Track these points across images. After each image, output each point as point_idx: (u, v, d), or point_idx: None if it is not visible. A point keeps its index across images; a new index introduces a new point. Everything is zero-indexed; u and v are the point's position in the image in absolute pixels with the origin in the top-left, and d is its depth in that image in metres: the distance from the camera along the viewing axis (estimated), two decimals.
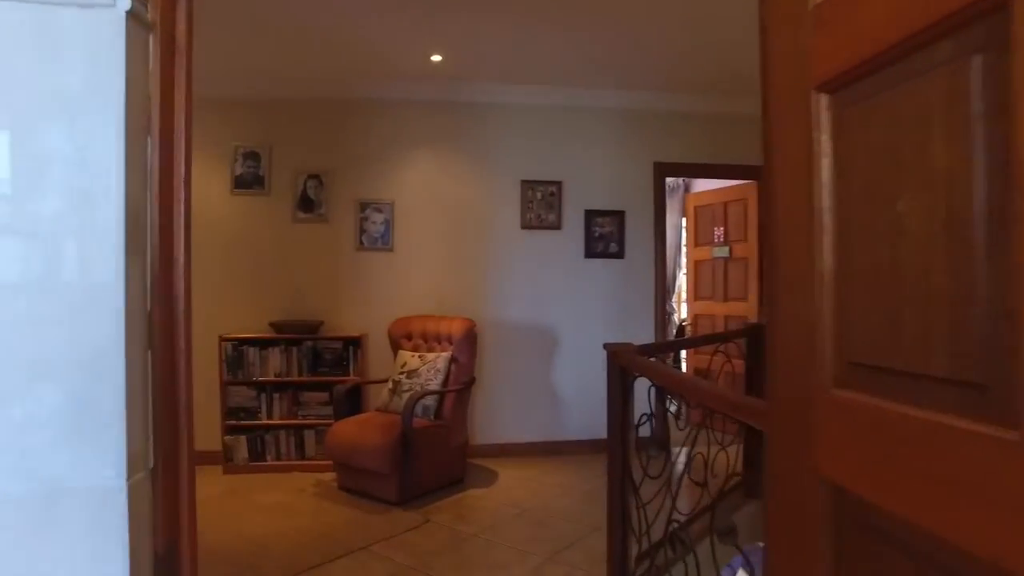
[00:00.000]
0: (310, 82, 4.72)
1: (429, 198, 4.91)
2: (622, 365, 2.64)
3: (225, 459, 4.55)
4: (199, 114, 4.67)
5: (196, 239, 4.93)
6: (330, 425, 4.23)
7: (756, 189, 5.26)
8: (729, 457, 3.63)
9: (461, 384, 4.23)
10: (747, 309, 5.40)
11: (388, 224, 4.86)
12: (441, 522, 3.63)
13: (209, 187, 4.80)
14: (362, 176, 4.86)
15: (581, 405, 5.03)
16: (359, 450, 3.85)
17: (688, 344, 3.70)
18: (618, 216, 5.05)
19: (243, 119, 4.80)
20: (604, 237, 5.04)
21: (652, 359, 2.77)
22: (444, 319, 4.46)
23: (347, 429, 4.00)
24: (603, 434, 4.96)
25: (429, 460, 3.98)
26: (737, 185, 5.49)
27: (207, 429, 4.75)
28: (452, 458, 4.20)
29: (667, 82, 4.82)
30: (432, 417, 4.11)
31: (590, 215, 5.02)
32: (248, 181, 4.79)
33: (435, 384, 4.15)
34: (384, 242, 4.86)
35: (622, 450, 2.71)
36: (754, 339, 3.89)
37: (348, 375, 4.59)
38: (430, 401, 4.11)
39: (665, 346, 3.02)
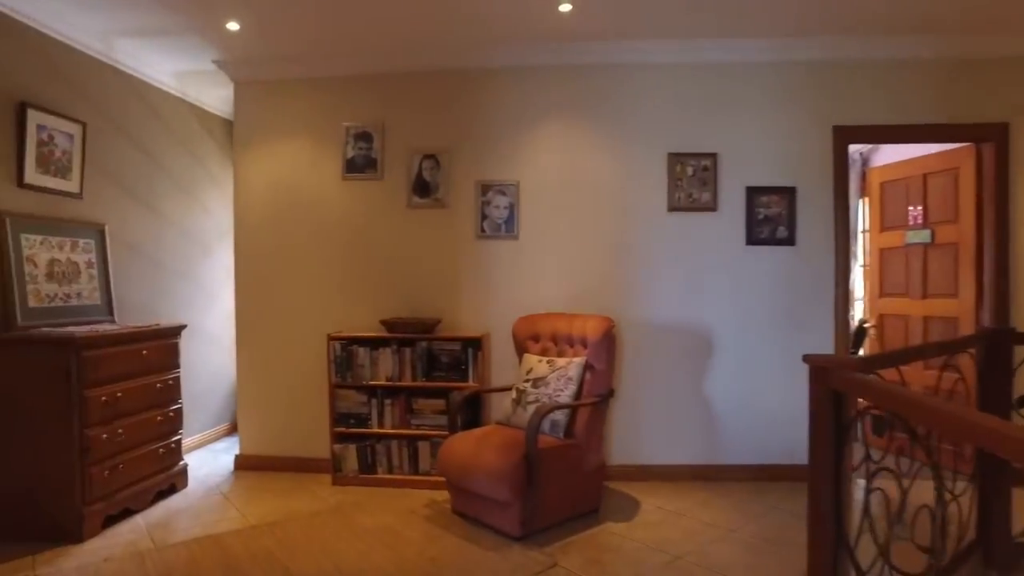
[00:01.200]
0: (423, 51, 4.20)
1: (559, 178, 4.24)
2: (837, 387, 1.83)
3: (334, 469, 4.13)
4: (310, 95, 4.20)
5: (305, 229, 4.49)
6: (446, 437, 3.69)
7: (976, 154, 4.13)
8: (962, 510, 2.69)
9: (597, 396, 3.53)
10: (958, 308, 4.27)
11: (512, 208, 4.24)
12: (571, 568, 2.94)
13: (320, 173, 4.41)
14: (483, 155, 4.28)
15: (743, 423, 4.16)
16: (475, 472, 3.25)
17: (917, 355, 2.77)
18: (787, 194, 4.12)
19: (354, 97, 4.38)
20: (770, 219, 4.13)
21: (873, 377, 1.94)
22: (577, 317, 3.77)
23: (462, 446, 3.42)
24: (772, 459, 4.07)
25: (558, 487, 3.31)
26: (944, 152, 4.36)
27: (316, 435, 4.38)
28: (585, 484, 3.50)
29: (853, 22, 3.84)
30: (562, 435, 3.44)
31: (753, 193, 4.14)
32: (360, 164, 4.36)
33: (566, 395, 3.48)
34: (508, 229, 4.25)
35: (834, 505, 1.90)
36: (994, 348, 2.88)
37: (466, 381, 4.02)
38: (560, 416, 3.44)
39: (894, 357, 2.18)
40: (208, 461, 4.72)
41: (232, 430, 5.53)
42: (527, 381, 3.65)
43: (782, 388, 4.09)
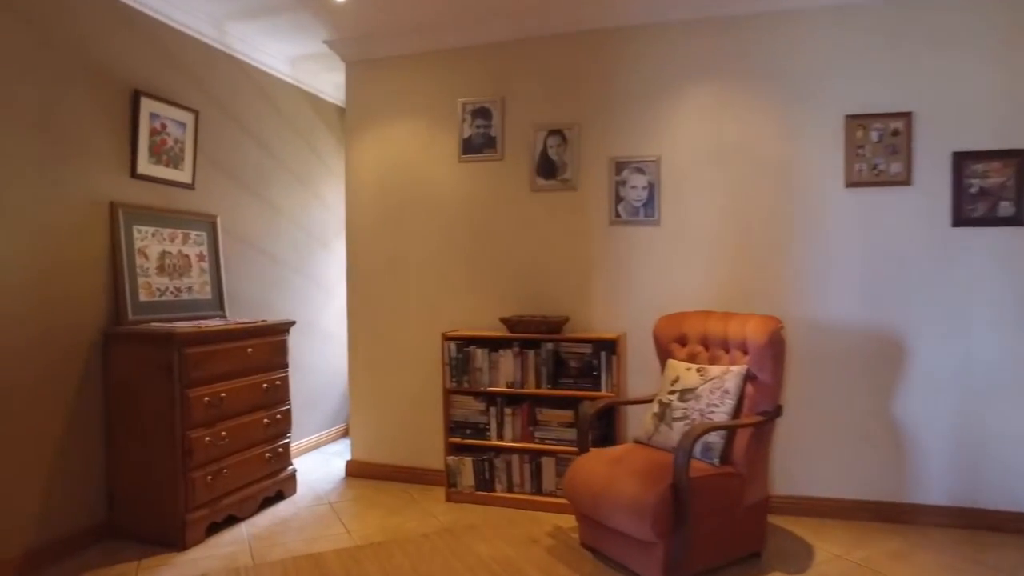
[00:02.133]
0: (545, 13, 3.69)
1: (707, 152, 3.57)
2: None
3: (448, 483, 3.71)
4: (423, 71, 3.71)
5: (418, 217, 3.98)
6: (574, 456, 3.15)
7: None
8: None
9: (762, 414, 2.85)
10: None
11: (652, 189, 3.63)
12: None
13: (435, 155, 4.02)
14: (617, 128, 3.70)
15: (951, 452, 3.29)
16: (610, 502, 2.68)
17: None
18: (1014, 159, 3.21)
19: (470, 70, 3.95)
20: (987, 193, 3.24)
21: None
22: (734, 317, 3.10)
23: (594, 468, 2.86)
24: (996, 503, 3.19)
25: (712, 525, 2.68)
26: None
27: (430, 444, 3.99)
28: (745, 522, 2.84)
29: None
30: (717, 461, 2.79)
31: (961, 160, 3.26)
32: (477, 144, 3.92)
33: (722, 412, 2.83)
34: (647, 212, 3.64)
35: None
36: None
37: (599, 389, 3.46)
38: (715, 438, 2.80)
39: None
40: (320, 465, 4.48)
41: (348, 432, 5.30)
42: (673, 393, 3.03)
43: (1016, 411, 3.19)
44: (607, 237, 3.70)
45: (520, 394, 3.60)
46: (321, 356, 4.99)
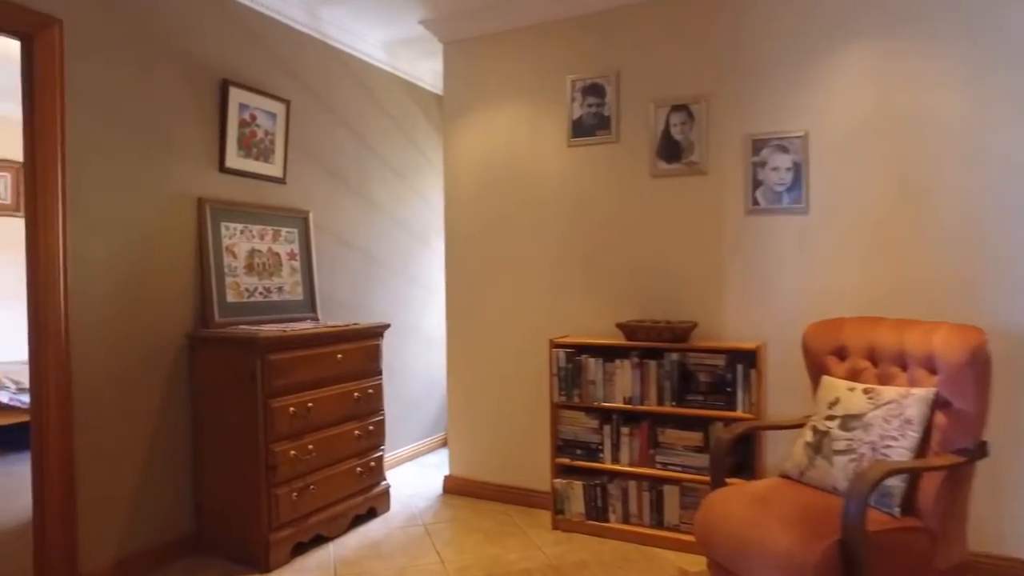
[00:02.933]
0: None
1: (866, 124, 2.93)
2: None
3: (555, 509, 3.28)
4: (526, 47, 3.18)
5: (523, 210, 3.44)
6: (704, 486, 2.64)
7: None
8: None
9: (960, 452, 2.21)
10: None
11: (798, 170, 3.04)
12: None
13: (541, 140, 3.60)
14: (753, 100, 3.13)
15: None
16: (754, 554, 2.14)
17: None
18: None
19: (579, 43, 3.49)
20: None
21: None
22: (915, 326, 2.46)
23: (733, 508, 2.33)
24: None
25: None
26: None
27: (536, 463, 3.57)
28: None
29: None
30: (898, 510, 2.19)
31: None
32: (589, 126, 3.46)
33: (903, 447, 2.22)
34: (792, 198, 3.05)
35: None
36: None
37: (734, 409, 2.91)
38: (894, 480, 2.20)
39: None
40: (416, 479, 4.17)
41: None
42: (832, 419, 2.44)
43: None
44: (743, 228, 3.13)
45: (639, 411, 3.11)
46: (420, 360, 4.70)
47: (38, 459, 2.56)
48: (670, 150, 3.26)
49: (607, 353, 3.18)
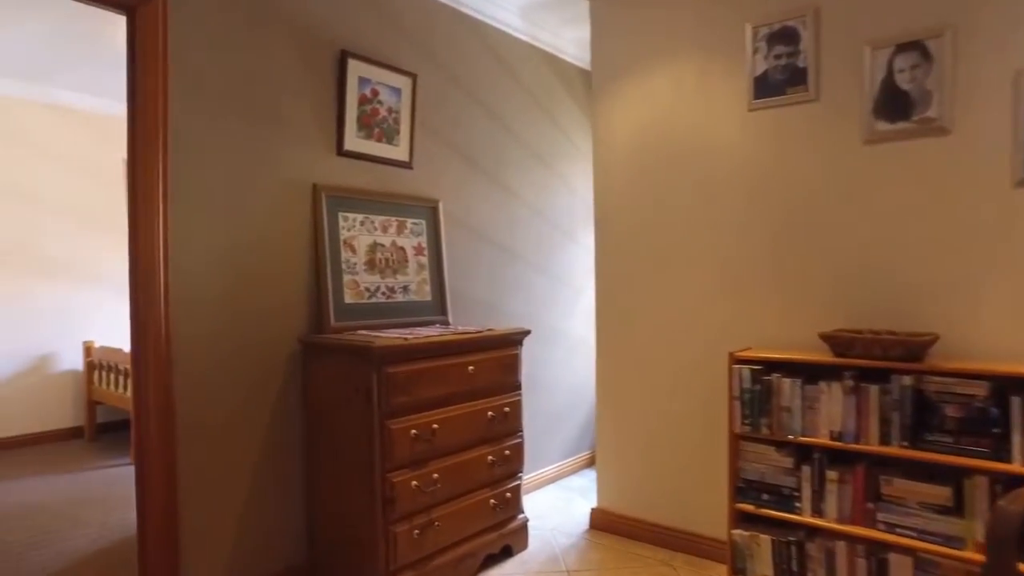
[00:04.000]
0: None
1: None
2: None
3: (733, 566, 2.58)
4: None
5: (690, 192, 2.77)
6: (951, 561, 1.85)
7: None
8: None
9: None
10: None
11: None
12: None
13: (712, 106, 2.91)
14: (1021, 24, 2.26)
15: None
16: None
17: None
18: None
19: None
20: None
21: None
22: None
23: None
24: None
25: None
26: None
27: (707, 503, 2.90)
28: None
29: None
30: None
31: None
32: (777, 82, 2.72)
33: None
34: None
35: None
36: None
37: (1007, 459, 2.07)
38: None
39: None
40: (559, 507, 3.61)
41: (595, 461, 4.40)
42: None
43: None
44: (1009, 207, 2.27)
45: (853, 451, 2.34)
46: (564, 369, 4.15)
47: (141, 478, 2.28)
48: (894, 105, 2.45)
49: (808, 372, 2.43)
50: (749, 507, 2.55)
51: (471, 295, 3.45)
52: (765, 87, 2.74)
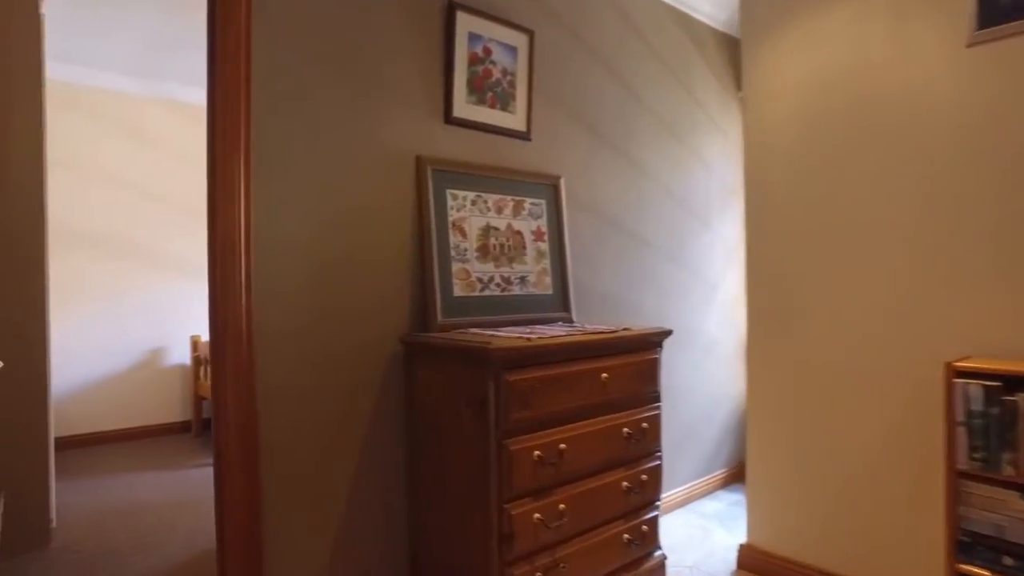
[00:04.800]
0: None
1: None
2: None
3: None
4: None
5: (874, 154, 2.08)
6: None
7: None
8: None
9: None
10: None
11: None
12: None
13: (913, 43, 2.27)
14: None
15: None
16: None
17: None
18: None
19: None
20: None
21: None
22: None
23: None
24: None
25: None
26: None
27: (904, 553, 2.28)
28: None
29: None
30: None
31: None
32: (1013, 6, 2.07)
33: None
34: None
35: None
36: None
37: None
38: None
39: None
40: (695, 538, 3.07)
41: (732, 479, 3.81)
42: None
43: None
44: None
45: None
46: (698, 373, 3.59)
47: (220, 500, 1.96)
48: None
49: None
50: (975, 569, 1.92)
51: (594, 288, 2.98)
52: (994, 12, 2.08)
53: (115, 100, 4.93)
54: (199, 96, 5.17)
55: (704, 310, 3.65)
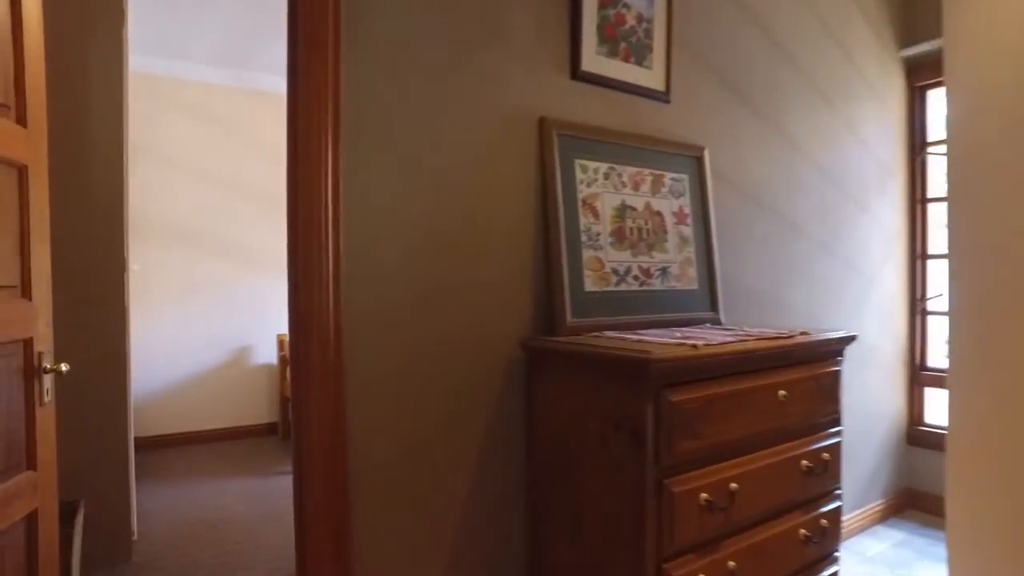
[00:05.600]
0: None
1: None
2: None
3: None
4: None
5: None
6: None
7: None
8: None
9: None
10: None
11: None
12: None
13: None
14: None
15: None
16: None
17: None
18: None
19: None
20: None
21: None
22: None
23: None
24: None
25: None
26: None
27: None
28: None
29: None
30: None
31: None
32: None
33: None
34: None
35: None
36: None
37: None
38: None
39: None
40: None
41: (891, 511, 3.20)
42: None
43: None
44: None
45: None
46: (855, 387, 3.00)
47: (301, 532, 1.59)
48: None
49: None
50: None
51: (738, 282, 2.46)
52: None
53: (198, 90, 4.76)
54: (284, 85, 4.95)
55: (860, 310, 3.06)
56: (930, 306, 3.35)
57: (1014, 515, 2.03)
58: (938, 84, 3.14)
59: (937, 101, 3.30)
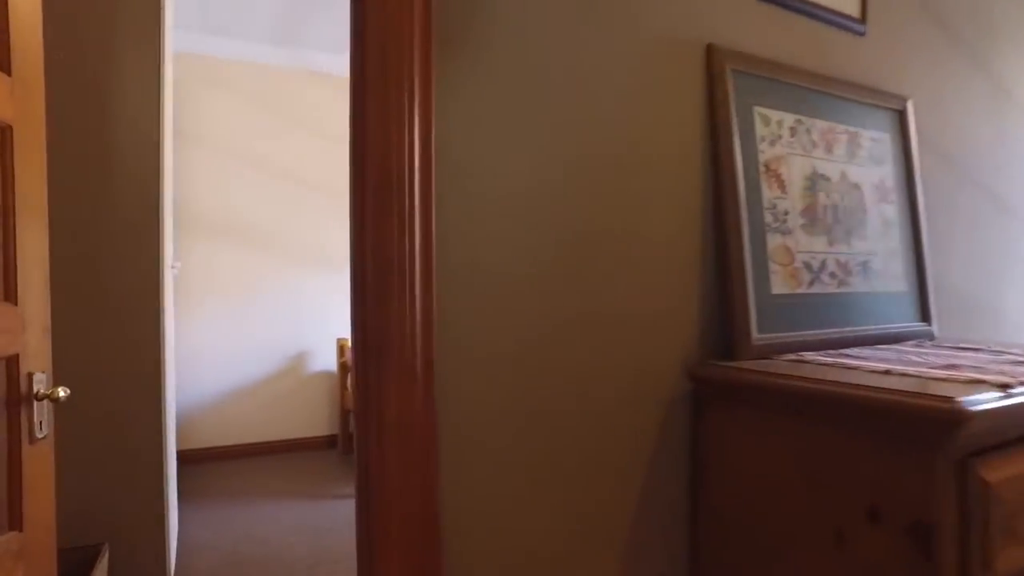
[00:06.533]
0: None
1: None
2: None
3: None
4: None
5: None
6: None
7: None
8: None
9: None
10: None
11: None
12: None
13: None
14: None
15: None
16: None
17: None
18: None
19: None
20: None
21: None
22: None
23: None
24: None
25: None
26: None
27: None
28: None
29: None
30: None
31: None
32: None
33: None
34: None
35: None
36: None
37: None
38: None
39: None
40: None
41: None
42: None
43: None
44: None
45: None
46: None
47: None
48: None
49: None
50: None
51: (943, 280, 1.84)
52: None
53: (250, 71, 4.35)
54: (344, 66, 4.51)
55: None
56: None
57: None
58: None
59: None
